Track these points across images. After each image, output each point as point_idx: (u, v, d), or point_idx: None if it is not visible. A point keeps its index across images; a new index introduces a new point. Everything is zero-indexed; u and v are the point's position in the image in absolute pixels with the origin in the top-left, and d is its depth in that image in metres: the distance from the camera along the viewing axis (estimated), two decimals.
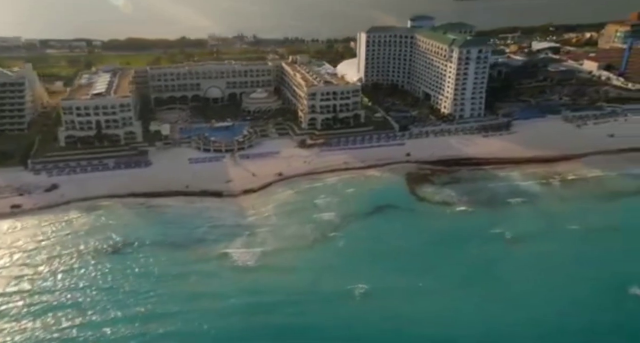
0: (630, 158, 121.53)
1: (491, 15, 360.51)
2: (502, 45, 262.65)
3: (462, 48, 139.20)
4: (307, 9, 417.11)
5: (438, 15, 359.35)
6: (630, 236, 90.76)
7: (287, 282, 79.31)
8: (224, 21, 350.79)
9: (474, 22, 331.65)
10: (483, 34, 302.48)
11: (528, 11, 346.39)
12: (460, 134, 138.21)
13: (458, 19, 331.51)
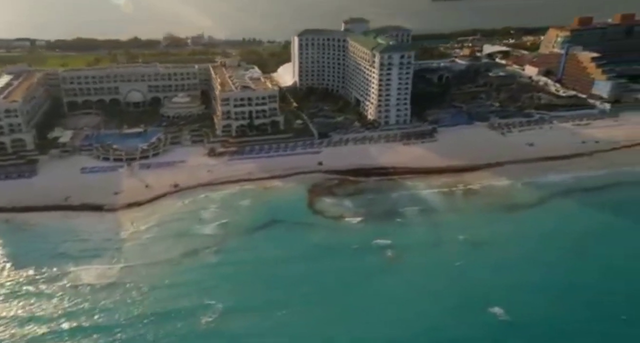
0: (544, 167, 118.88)
1: (467, 16, 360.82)
2: (457, 49, 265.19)
3: (384, 53, 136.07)
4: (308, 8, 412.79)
5: (414, 15, 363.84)
6: (514, 249, 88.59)
7: (137, 300, 75.36)
8: (223, 23, 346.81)
9: (448, 22, 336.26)
10: (444, 36, 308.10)
11: (503, 12, 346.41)
12: (381, 142, 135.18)
13: (431, 19, 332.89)
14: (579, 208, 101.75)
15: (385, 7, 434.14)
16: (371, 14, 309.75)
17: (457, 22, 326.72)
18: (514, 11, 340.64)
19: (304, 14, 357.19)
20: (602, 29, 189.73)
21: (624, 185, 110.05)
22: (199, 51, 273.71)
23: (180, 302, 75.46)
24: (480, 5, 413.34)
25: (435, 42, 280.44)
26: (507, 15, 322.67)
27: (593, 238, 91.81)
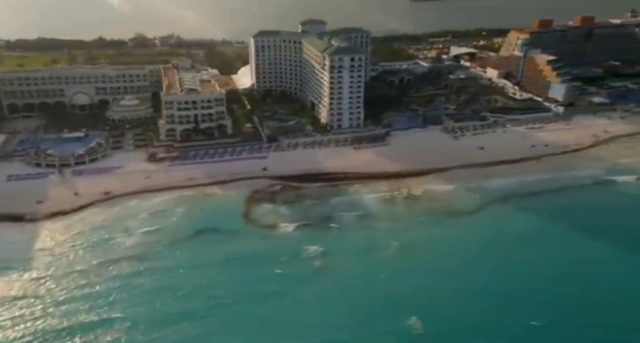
0: (490, 172, 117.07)
1: (446, 17, 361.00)
2: (426, 50, 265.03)
3: (334, 56, 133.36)
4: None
5: (391, 16, 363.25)
6: (447, 256, 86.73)
7: (39, 314, 71.52)
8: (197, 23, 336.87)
9: (428, 22, 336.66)
10: (417, 37, 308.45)
11: (483, 13, 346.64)
12: (332, 146, 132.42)
13: (409, 19, 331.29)
14: (517, 213, 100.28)
15: (367, 7, 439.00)
16: (354, 15, 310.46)
17: (436, 23, 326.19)
18: (493, 12, 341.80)
19: (283, 14, 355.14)
20: (561, 32, 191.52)
21: (567, 189, 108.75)
22: (165, 52, 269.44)
23: (86, 316, 72.03)
24: (461, 5, 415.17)
25: (409, 43, 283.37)
26: (487, 16, 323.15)
27: (527, 244, 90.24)
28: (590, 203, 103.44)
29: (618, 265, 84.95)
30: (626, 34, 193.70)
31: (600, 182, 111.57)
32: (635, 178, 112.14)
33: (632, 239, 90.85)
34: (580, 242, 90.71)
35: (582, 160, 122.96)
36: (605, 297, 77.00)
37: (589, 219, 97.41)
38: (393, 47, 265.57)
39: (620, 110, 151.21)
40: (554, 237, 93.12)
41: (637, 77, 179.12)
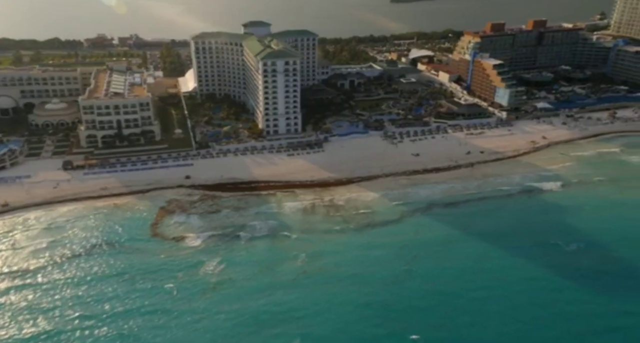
0: (420, 180, 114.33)
1: (424, 18, 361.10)
2: (386, 52, 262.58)
3: (266, 59, 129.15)
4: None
5: (370, 17, 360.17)
6: (351, 267, 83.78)
7: None
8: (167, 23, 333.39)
9: (402, 24, 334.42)
10: (381, 39, 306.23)
11: (460, 14, 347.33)
12: (265, 153, 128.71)
13: (389, 20, 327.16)
14: (434, 224, 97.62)
15: (346, 8, 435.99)
16: (328, 16, 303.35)
17: (416, 24, 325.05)
18: (474, 13, 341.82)
19: (260, 15, 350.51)
20: (512, 36, 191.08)
21: (491, 198, 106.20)
22: (120, 53, 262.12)
23: None
24: (439, 7, 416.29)
25: (374, 45, 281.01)
26: (466, 17, 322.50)
27: (434, 256, 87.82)
28: (509, 213, 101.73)
29: (520, 271, 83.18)
30: (577, 38, 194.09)
31: (526, 190, 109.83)
32: (560, 185, 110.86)
33: (541, 246, 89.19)
34: (490, 256, 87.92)
35: (514, 168, 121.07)
36: (502, 311, 74.80)
37: (503, 229, 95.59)
38: (356, 49, 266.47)
39: (562, 116, 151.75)
40: (463, 248, 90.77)
41: (586, 82, 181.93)
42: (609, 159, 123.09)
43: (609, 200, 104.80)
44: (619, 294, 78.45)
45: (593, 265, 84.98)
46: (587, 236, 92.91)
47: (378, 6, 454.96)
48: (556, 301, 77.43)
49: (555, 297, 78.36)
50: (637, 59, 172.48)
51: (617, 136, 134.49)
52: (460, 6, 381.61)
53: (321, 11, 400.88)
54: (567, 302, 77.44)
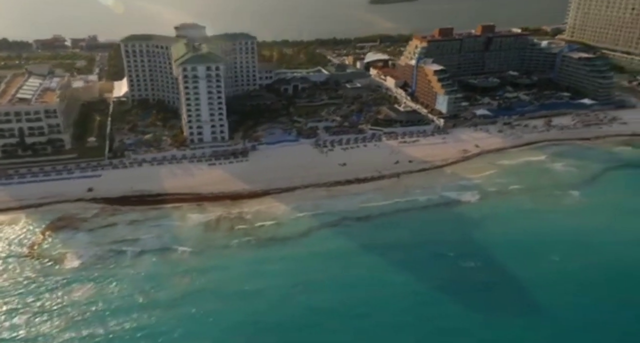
0: (339, 192, 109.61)
1: (401, 20, 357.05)
2: (343, 56, 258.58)
3: (186, 65, 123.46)
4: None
5: (350, 19, 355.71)
6: (234, 286, 79.27)
7: None
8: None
9: (379, 25, 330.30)
10: (340, 42, 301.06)
11: (439, 16, 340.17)
12: (185, 162, 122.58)
13: (365, 22, 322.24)
14: (338, 237, 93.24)
15: (322, 11, 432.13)
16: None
17: (390, 26, 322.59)
18: (454, 15, 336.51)
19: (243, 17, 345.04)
20: (459, 41, 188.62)
21: (406, 211, 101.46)
22: (68, 55, 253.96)
23: None
24: (419, 9, 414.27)
25: (335, 48, 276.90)
26: (443, 19, 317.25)
27: (329, 271, 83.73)
28: (419, 226, 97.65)
29: (407, 286, 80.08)
30: (525, 43, 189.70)
31: (443, 201, 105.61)
32: (477, 196, 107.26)
33: (439, 259, 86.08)
34: (383, 269, 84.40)
35: (438, 178, 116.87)
36: (376, 327, 71.86)
37: (407, 242, 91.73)
38: (315, 52, 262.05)
39: (500, 123, 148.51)
40: (359, 262, 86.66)
41: (533, 88, 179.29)
42: (534, 168, 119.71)
43: (521, 210, 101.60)
44: (500, 314, 74.51)
45: (485, 279, 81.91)
46: (487, 249, 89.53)
47: (357, 7, 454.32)
48: (435, 317, 73.93)
49: (434, 312, 74.92)
50: (579, 65, 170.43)
51: (549, 144, 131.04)
52: (441, 8, 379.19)
53: (304, 11, 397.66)
54: (444, 317, 73.89)
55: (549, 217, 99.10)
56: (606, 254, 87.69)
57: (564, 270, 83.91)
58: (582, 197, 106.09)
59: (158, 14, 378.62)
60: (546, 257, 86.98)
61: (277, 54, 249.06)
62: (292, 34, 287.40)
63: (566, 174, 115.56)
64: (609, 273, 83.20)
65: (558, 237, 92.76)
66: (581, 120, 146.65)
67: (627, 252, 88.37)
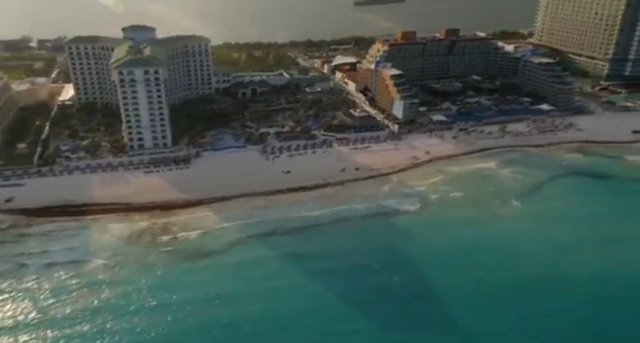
0: (275, 202, 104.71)
1: (384, 22, 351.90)
2: (315, 58, 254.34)
3: (122, 68, 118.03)
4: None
5: (333, 20, 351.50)
6: (128, 305, 74.56)
7: None
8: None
9: (362, 27, 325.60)
10: (315, 44, 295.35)
11: (421, 18, 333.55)
12: (120, 170, 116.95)
13: (345, 23, 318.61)
14: (261, 249, 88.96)
15: (307, 13, 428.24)
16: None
17: (371, 28, 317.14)
18: (436, 16, 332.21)
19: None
20: (422, 45, 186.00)
21: (341, 221, 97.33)
22: (34, 56, 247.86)
23: None
24: (405, 11, 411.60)
25: (307, 51, 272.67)
26: (426, 21, 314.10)
27: (259, 286, 79.62)
28: (350, 236, 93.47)
29: (317, 300, 76.54)
30: (489, 47, 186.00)
31: (382, 211, 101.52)
32: (418, 205, 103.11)
33: (358, 270, 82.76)
34: (312, 286, 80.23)
35: (382, 186, 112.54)
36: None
37: (338, 256, 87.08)
38: (284, 54, 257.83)
39: (455, 129, 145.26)
40: (282, 277, 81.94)
41: (495, 92, 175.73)
42: (481, 176, 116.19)
43: (458, 220, 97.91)
44: (412, 332, 71.04)
45: (405, 293, 78.84)
46: (415, 260, 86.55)
47: (342, 9, 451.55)
48: (342, 333, 70.59)
49: (343, 328, 71.42)
50: (540, 70, 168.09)
51: (502, 151, 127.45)
52: (426, 9, 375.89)
53: (287, 13, 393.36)
54: (352, 333, 70.65)
55: (485, 227, 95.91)
56: (534, 264, 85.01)
57: (489, 283, 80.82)
58: (523, 206, 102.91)
59: (147, 13, 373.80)
60: (473, 270, 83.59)
61: (245, 56, 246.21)
62: (267, 35, 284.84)
63: (511, 182, 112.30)
64: (533, 285, 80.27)
65: (490, 247, 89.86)
66: (537, 127, 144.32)
67: (556, 262, 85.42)
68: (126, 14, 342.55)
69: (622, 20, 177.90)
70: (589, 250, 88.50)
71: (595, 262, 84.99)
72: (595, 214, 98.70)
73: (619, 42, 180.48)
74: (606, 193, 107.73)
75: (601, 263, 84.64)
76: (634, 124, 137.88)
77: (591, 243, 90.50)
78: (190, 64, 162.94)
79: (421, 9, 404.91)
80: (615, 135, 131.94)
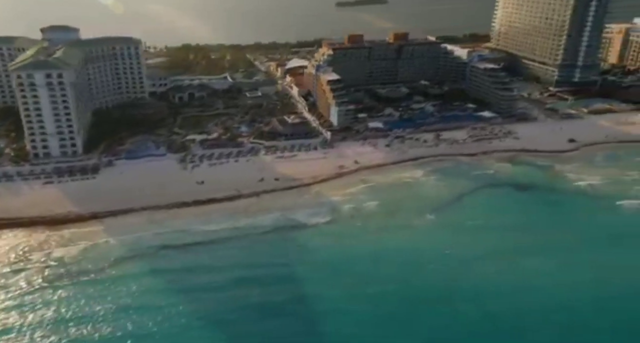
0: (180, 215, 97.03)
1: (364, 23, 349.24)
2: (274, 61, 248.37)
3: (21, 71, 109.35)
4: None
5: (313, 21, 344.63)
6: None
7: None
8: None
9: (340, 29, 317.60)
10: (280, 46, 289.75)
11: (402, 19, 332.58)
12: (17, 180, 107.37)
13: (329, 25, 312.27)
14: (144, 268, 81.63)
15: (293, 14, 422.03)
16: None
17: (353, 29, 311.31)
18: (415, 18, 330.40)
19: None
20: (368, 49, 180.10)
21: (240, 238, 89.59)
22: None
23: None
24: (386, 12, 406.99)
25: (268, 53, 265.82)
26: (406, 22, 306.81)
27: (125, 303, 73.28)
28: (251, 254, 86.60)
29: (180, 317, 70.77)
30: (438, 52, 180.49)
31: (290, 225, 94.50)
32: (327, 220, 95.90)
33: (231, 288, 76.80)
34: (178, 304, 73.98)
35: (299, 198, 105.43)
36: None
37: (226, 277, 79.98)
38: (244, 57, 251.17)
39: (391, 137, 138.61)
40: (152, 293, 75.75)
41: (441, 98, 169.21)
42: (404, 187, 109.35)
43: (365, 234, 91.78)
44: None
45: (280, 311, 72.40)
46: (299, 275, 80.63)
47: (324, 10, 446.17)
48: None
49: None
50: (485, 76, 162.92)
51: (433, 160, 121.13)
52: (409, 11, 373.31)
53: (267, 14, 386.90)
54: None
55: (391, 239, 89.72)
56: (430, 276, 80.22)
57: (377, 296, 75.08)
58: (436, 218, 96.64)
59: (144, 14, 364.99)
60: (362, 286, 77.67)
61: (199, 58, 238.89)
62: (234, 37, 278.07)
63: (433, 194, 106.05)
64: (424, 297, 75.47)
65: (389, 259, 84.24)
66: (475, 134, 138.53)
67: (453, 274, 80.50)
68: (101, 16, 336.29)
69: (570, 25, 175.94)
70: (491, 262, 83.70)
71: (487, 275, 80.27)
72: (507, 225, 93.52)
73: (567, 48, 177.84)
74: (525, 205, 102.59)
75: (495, 275, 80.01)
76: (571, 132, 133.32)
77: (495, 254, 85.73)
78: (119, 66, 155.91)
79: (404, 10, 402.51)
80: (550, 144, 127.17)
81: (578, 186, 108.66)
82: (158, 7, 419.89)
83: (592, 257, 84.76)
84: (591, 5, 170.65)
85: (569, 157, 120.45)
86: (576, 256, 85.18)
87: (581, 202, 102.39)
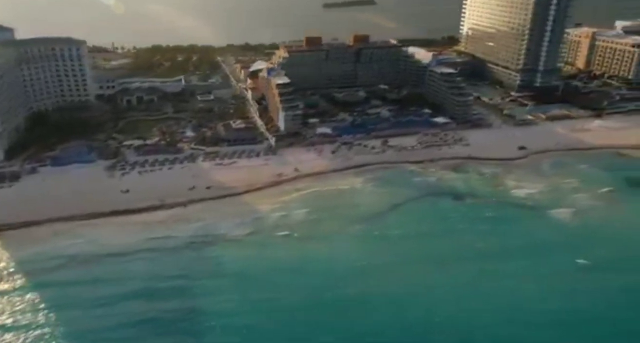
0: (93, 226, 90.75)
1: (351, 24, 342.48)
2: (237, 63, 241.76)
3: None
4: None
5: (300, 22, 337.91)
6: None
7: None
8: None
9: (325, 30, 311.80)
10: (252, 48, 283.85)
11: (390, 20, 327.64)
12: None
13: (315, 25, 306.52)
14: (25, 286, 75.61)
15: (282, 14, 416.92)
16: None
17: (339, 30, 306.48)
18: (403, 19, 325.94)
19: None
20: (325, 51, 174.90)
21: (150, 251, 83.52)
22: None
23: None
24: (373, 13, 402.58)
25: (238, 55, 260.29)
26: (394, 23, 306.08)
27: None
28: (155, 269, 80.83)
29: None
30: (398, 55, 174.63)
31: (208, 239, 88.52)
32: (247, 233, 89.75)
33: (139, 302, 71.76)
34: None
35: (226, 208, 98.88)
36: None
37: (119, 292, 74.79)
38: (215, 59, 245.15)
39: (338, 143, 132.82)
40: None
41: (399, 103, 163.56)
42: (339, 195, 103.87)
43: (286, 244, 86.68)
44: None
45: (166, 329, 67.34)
46: (204, 294, 75.13)
47: (311, 11, 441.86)
48: None
49: None
50: (441, 81, 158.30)
51: (378, 168, 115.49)
52: (394, 12, 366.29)
53: (252, 15, 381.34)
54: None
55: (311, 252, 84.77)
56: (346, 287, 75.95)
57: (280, 313, 70.55)
58: (364, 228, 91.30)
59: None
60: (269, 298, 73.19)
61: (164, 59, 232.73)
62: (207, 38, 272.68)
63: (367, 203, 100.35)
64: (330, 306, 71.77)
65: (305, 273, 79.38)
66: (426, 141, 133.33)
67: (370, 284, 76.72)
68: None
69: (531, 30, 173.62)
70: (406, 270, 79.99)
71: (400, 283, 77.04)
72: (432, 234, 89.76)
73: (528, 52, 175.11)
74: (456, 214, 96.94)
75: (407, 284, 76.92)
76: (523, 139, 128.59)
77: (412, 263, 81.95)
78: (60, 68, 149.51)
79: (392, 11, 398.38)
80: (500, 152, 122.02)
81: (515, 195, 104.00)
82: (158, 7, 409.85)
83: (500, 267, 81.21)
84: (550, 9, 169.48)
85: (516, 165, 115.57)
86: (488, 265, 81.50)
87: (512, 212, 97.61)
